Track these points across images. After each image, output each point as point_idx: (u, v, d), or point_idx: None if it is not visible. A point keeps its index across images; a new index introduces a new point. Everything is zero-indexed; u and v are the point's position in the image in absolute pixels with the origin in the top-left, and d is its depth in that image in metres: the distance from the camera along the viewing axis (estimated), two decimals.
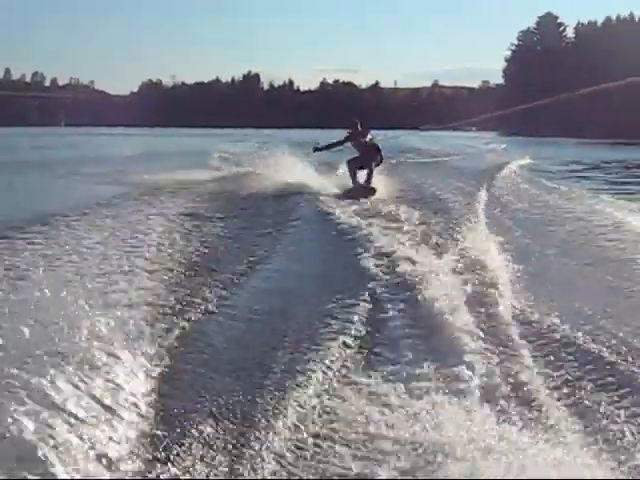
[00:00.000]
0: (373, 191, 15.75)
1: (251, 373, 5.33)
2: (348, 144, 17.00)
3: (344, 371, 5.34)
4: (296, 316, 6.77)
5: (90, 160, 30.74)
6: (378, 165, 16.70)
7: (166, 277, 7.94)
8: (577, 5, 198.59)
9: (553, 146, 52.62)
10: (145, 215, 12.30)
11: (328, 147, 17.45)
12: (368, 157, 16.42)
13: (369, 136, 16.85)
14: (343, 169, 18.03)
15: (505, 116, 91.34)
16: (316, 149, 17.69)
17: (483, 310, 6.64)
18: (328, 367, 5.34)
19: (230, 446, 4.17)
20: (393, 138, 22.23)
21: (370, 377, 5.20)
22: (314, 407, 4.70)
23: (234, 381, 5.16)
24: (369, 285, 7.54)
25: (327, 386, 5.05)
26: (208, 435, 4.29)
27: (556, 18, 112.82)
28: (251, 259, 9.16)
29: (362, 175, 16.38)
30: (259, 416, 4.51)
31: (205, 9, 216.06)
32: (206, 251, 9.63)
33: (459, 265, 8.24)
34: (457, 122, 76.32)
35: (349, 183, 16.44)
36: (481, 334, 5.96)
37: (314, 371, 5.23)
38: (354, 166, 16.50)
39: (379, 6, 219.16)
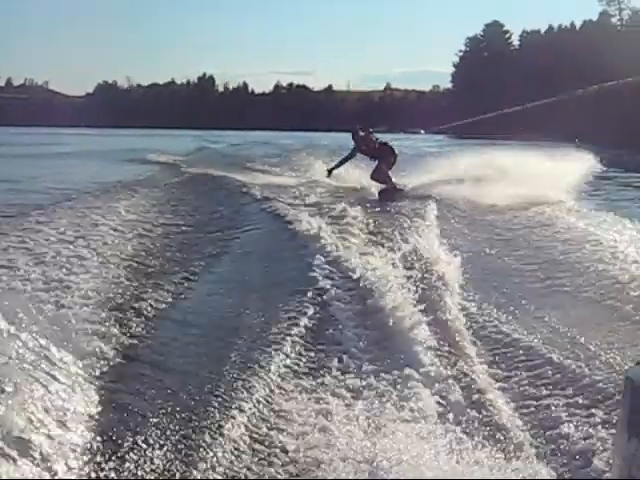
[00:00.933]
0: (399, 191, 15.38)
1: (199, 376, 5.15)
2: (359, 155, 16.29)
3: (291, 376, 5.20)
4: (247, 317, 6.59)
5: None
6: (390, 167, 15.83)
7: (117, 275, 7.68)
8: (522, 14, 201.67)
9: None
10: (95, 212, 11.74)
11: (340, 164, 16.77)
12: (384, 160, 15.73)
13: (373, 138, 16.14)
14: None
15: (453, 119, 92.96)
16: (330, 171, 16.84)
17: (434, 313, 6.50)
18: (275, 372, 5.20)
19: (179, 448, 4.05)
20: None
21: (317, 382, 5.08)
22: (261, 412, 4.59)
23: (182, 386, 4.97)
24: (318, 285, 7.38)
25: (274, 391, 4.92)
26: (159, 437, 4.17)
27: (502, 26, 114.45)
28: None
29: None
30: (206, 422, 4.37)
31: (159, 9, 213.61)
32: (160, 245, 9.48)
33: (410, 265, 8.09)
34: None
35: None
36: (431, 336, 5.88)
37: (261, 376, 5.10)
38: (381, 176, 15.70)
39: (336, 10, 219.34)
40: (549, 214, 12.63)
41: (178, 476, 3.80)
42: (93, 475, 3.74)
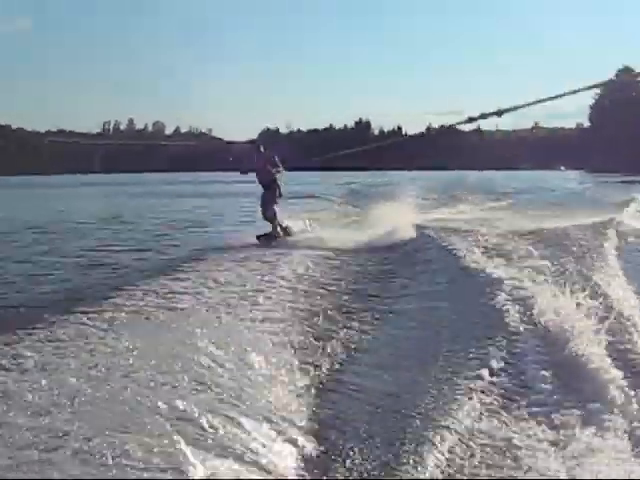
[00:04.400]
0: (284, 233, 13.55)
1: (393, 417, 5.07)
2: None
3: (484, 415, 5.02)
4: (433, 358, 6.37)
5: None
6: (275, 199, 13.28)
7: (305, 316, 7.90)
8: None
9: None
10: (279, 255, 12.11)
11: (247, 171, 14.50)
12: (271, 190, 13.72)
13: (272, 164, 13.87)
14: None
15: (590, 155, 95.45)
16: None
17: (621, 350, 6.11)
18: (467, 412, 5.02)
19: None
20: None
21: (511, 425, 4.87)
22: (458, 447, 4.49)
23: (377, 422, 4.99)
24: (503, 326, 7.08)
25: (470, 429, 4.76)
26: (356, 469, 4.25)
27: (632, 70, 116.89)
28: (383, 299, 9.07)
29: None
30: (402, 461, 4.30)
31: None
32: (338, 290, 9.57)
33: (594, 305, 7.46)
34: None
35: None
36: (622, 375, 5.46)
37: (456, 414, 4.96)
38: (269, 212, 13.95)
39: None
40: None
41: None
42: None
